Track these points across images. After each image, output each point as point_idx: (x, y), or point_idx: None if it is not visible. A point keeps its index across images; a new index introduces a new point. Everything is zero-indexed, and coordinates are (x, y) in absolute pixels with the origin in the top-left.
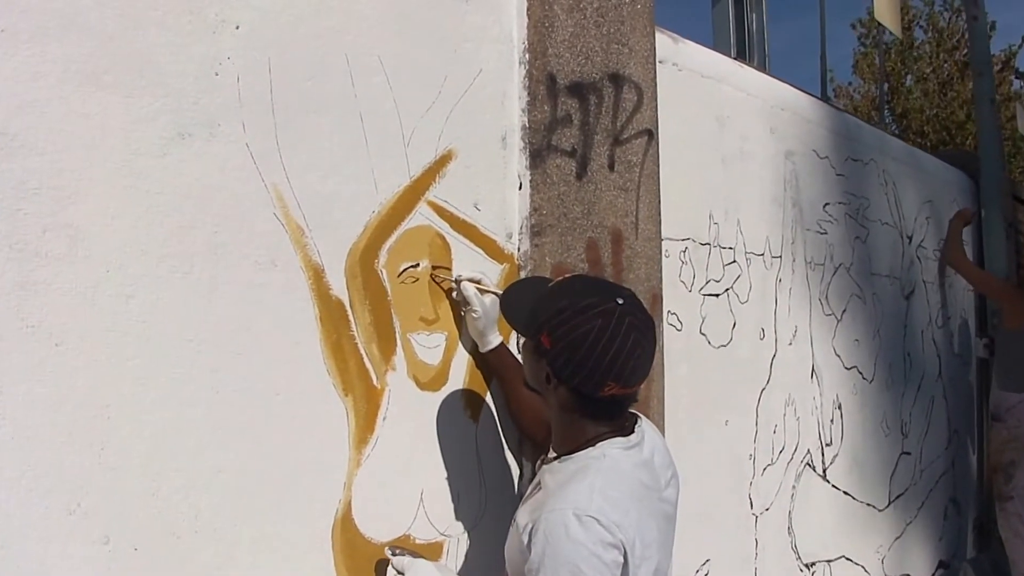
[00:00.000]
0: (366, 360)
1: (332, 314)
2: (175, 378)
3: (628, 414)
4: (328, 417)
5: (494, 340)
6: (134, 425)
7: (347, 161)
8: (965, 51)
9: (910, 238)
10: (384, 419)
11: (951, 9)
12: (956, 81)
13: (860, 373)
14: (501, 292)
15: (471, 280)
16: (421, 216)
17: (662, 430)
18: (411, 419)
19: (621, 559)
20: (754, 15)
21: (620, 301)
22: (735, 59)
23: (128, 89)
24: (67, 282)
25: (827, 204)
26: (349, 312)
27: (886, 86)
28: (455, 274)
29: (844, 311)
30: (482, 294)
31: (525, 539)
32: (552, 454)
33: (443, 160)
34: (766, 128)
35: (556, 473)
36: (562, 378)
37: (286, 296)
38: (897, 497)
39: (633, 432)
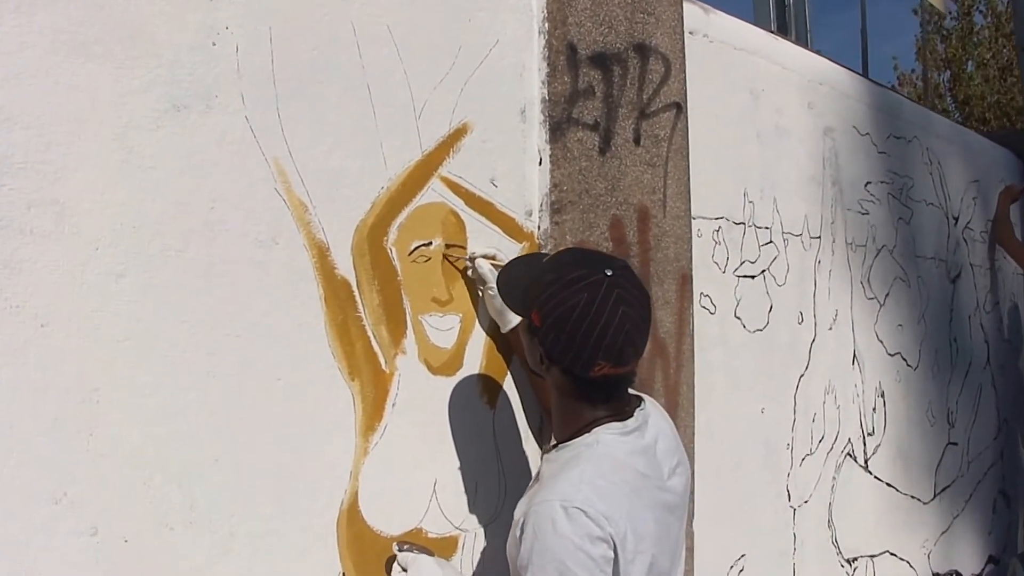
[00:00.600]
0: (374, 343)
1: (338, 294)
2: (169, 361)
3: (629, 397)
4: (333, 403)
5: (514, 319)
6: (124, 411)
7: (354, 135)
8: None
9: (956, 219)
10: (393, 405)
11: None
12: (1016, 66)
13: (904, 359)
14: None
15: (486, 257)
16: (434, 192)
17: (691, 418)
18: (422, 405)
19: (611, 554)
20: None
21: (609, 272)
22: (774, 33)
23: (119, 60)
24: (53, 260)
25: (868, 183)
26: (356, 292)
27: (948, 73)
28: (469, 252)
29: (887, 295)
30: (498, 271)
31: (517, 533)
32: (552, 442)
33: (457, 134)
34: (803, 103)
35: (551, 462)
36: (553, 358)
37: (288, 275)
38: (943, 489)
39: (632, 416)
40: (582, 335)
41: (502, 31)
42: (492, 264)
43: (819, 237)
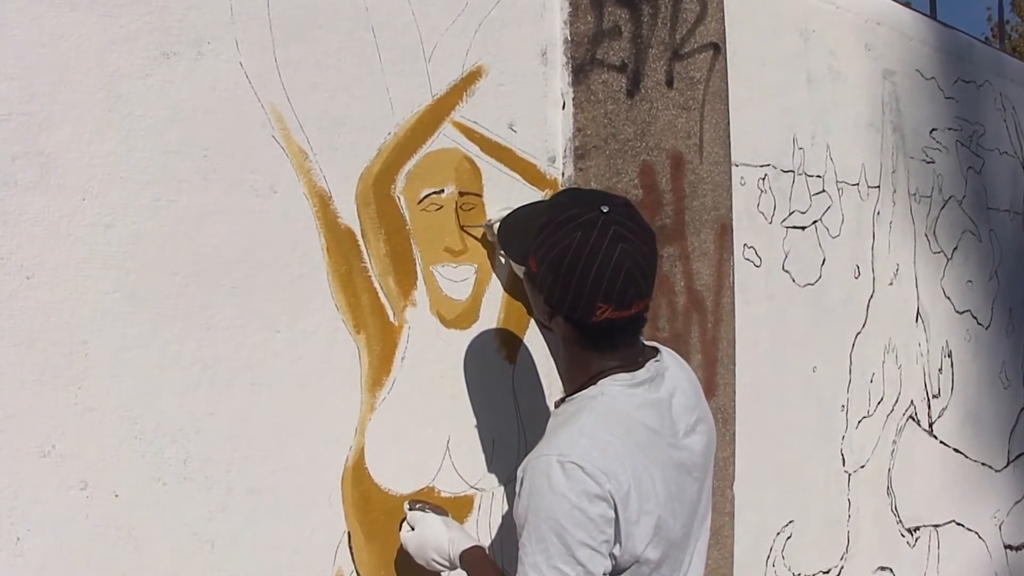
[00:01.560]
0: (381, 294)
1: (341, 244)
2: (160, 313)
3: (642, 347)
4: (337, 357)
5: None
6: (114, 363)
7: (357, 80)
8: None
9: None
10: (403, 359)
11: None
12: None
13: (974, 318)
14: None
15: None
16: (446, 138)
17: (731, 375)
18: (434, 359)
19: (611, 513)
20: None
21: (605, 209)
22: None
23: (105, 7)
24: (39, 212)
25: (934, 130)
26: (360, 242)
27: None
28: (486, 220)
29: (955, 249)
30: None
31: (517, 488)
32: (563, 394)
33: (471, 77)
34: (859, 44)
35: (557, 416)
36: (553, 305)
37: (287, 225)
38: (1018, 457)
39: (642, 368)
40: (578, 277)
41: None
42: None
43: (878, 187)
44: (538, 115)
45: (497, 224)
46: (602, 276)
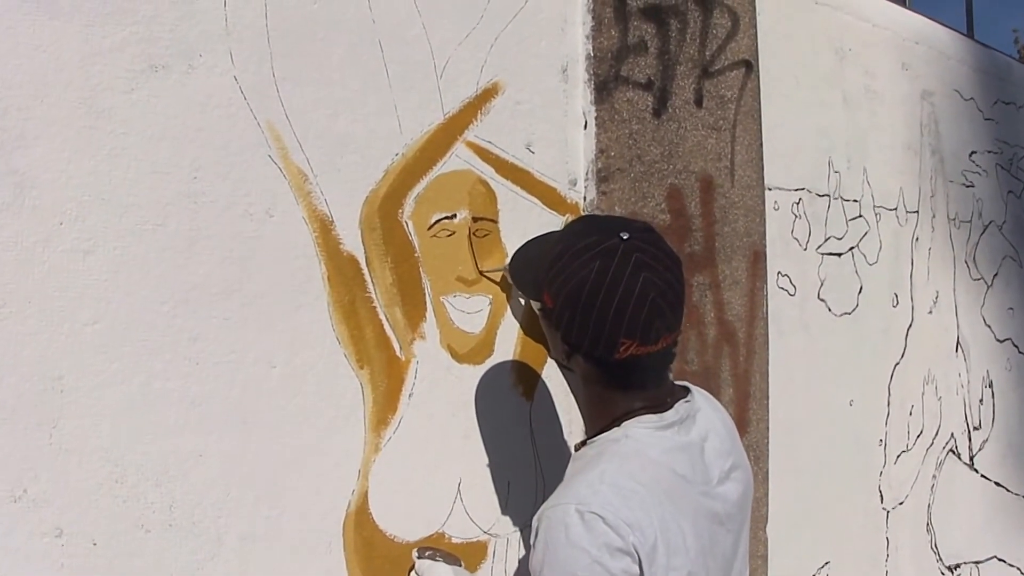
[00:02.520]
0: (387, 327)
1: (343, 273)
2: (145, 347)
3: (671, 385)
4: (338, 394)
5: None
6: (93, 400)
7: (363, 96)
8: None
9: None
10: (410, 396)
11: None
12: None
13: (1015, 346)
14: None
15: None
16: (458, 159)
17: (765, 411)
18: (445, 396)
19: (635, 568)
20: None
21: (625, 236)
22: None
23: (88, 16)
24: (12, 235)
25: (973, 152)
26: (365, 270)
27: None
28: (503, 251)
29: (995, 275)
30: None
31: (532, 539)
32: (584, 437)
33: (487, 94)
34: (896, 64)
35: (577, 460)
36: (571, 342)
37: (285, 251)
38: None
39: (671, 409)
40: (598, 311)
41: None
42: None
43: (916, 211)
44: (558, 135)
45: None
46: (624, 308)
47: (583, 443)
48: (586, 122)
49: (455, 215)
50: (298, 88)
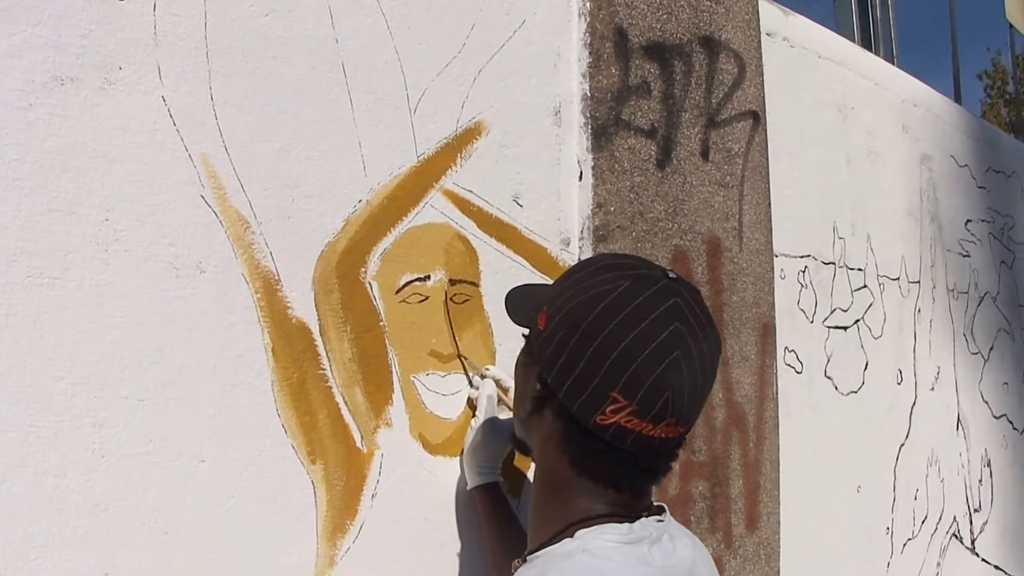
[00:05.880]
0: (345, 412)
1: (292, 344)
2: (33, 435)
3: (647, 502)
4: (284, 495)
5: (489, 474)
6: None
7: (321, 130)
8: None
9: None
10: (373, 496)
11: None
12: None
13: (1010, 422)
14: None
15: (497, 381)
16: (433, 210)
17: (775, 503)
18: (415, 496)
19: None
20: (879, 4)
21: (672, 275)
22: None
23: None
24: None
25: (969, 221)
26: (319, 341)
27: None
28: (483, 367)
29: (991, 349)
30: (500, 406)
31: None
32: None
33: (468, 135)
34: (897, 125)
35: None
36: (548, 380)
37: (218, 316)
38: None
39: (637, 522)
40: (601, 342)
41: (531, 9)
42: (501, 394)
43: (918, 282)
44: (550, 186)
45: (492, 378)
46: (634, 354)
47: (523, 559)
48: (581, 172)
49: (429, 276)
50: (241, 115)
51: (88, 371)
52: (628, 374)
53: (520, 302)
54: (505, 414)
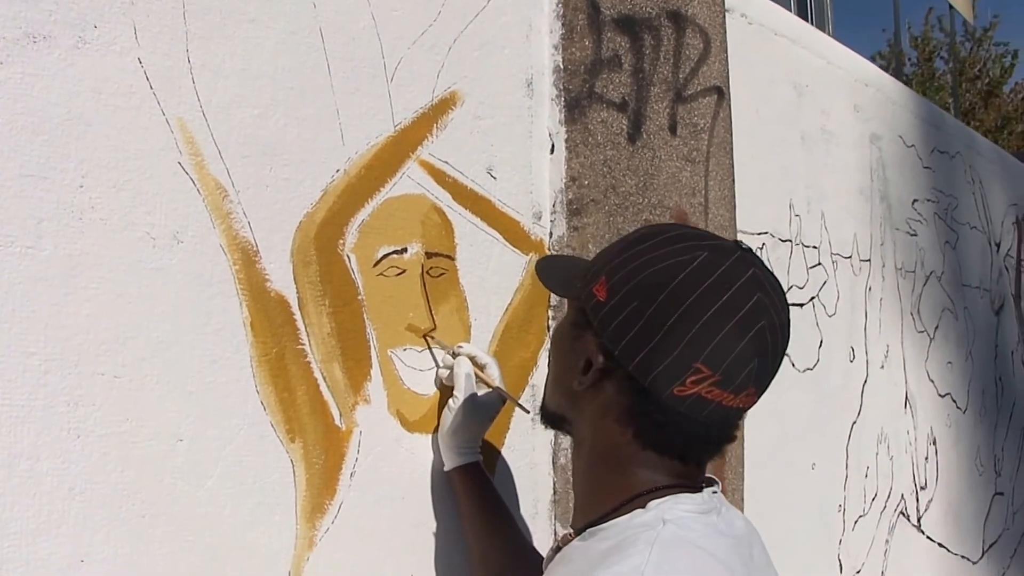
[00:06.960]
0: (323, 387)
1: (271, 318)
2: (6, 413)
3: (703, 472)
4: (262, 474)
5: (469, 454)
6: None
7: (299, 96)
8: (987, 80)
9: (998, 245)
10: (352, 475)
11: (972, 39)
12: (979, 110)
13: (954, 401)
14: (503, 388)
15: (472, 359)
16: (410, 181)
17: (740, 479)
18: (394, 475)
19: None
20: None
21: (744, 246)
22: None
23: None
24: None
25: (915, 200)
26: (297, 315)
27: None
28: (457, 343)
29: (936, 328)
30: (478, 383)
31: None
32: (570, 529)
33: (444, 105)
34: (849, 104)
35: (572, 561)
36: (616, 350)
37: (196, 289)
38: (991, 546)
39: (700, 492)
40: (684, 312)
41: None
42: (477, 372)
43: (869, 260)
44: (522, 159)
45: (464, 355)
46: (720, 323)
47: (582, 530)
48: (553, 145)
49: (406, 249)
50: (220, 80)
51: (61, 348)
52: (714, 344)
53: (560, 272)
54: (482, 391)
